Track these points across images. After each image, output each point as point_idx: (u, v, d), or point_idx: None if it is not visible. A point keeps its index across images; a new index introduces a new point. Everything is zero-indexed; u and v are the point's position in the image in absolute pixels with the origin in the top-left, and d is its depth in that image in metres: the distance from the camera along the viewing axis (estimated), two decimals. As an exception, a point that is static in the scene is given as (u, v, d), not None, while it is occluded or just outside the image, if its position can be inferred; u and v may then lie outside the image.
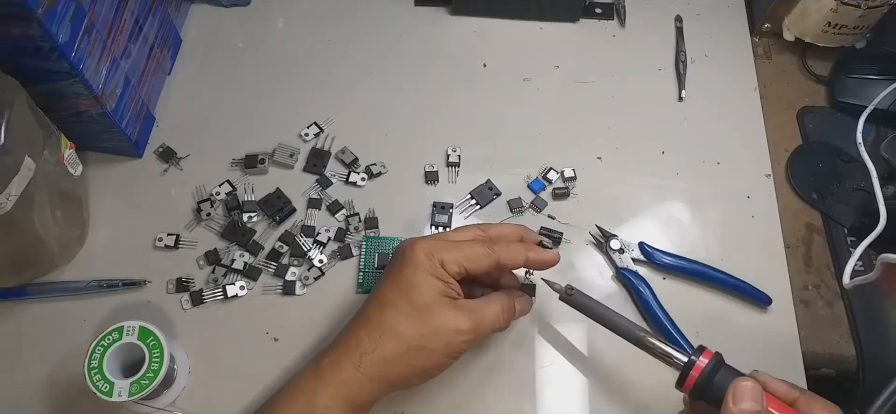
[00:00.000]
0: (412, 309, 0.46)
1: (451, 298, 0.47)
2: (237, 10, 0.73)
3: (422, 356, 0.46)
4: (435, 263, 0.47)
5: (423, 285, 0.46)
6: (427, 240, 0.48)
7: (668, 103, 0.69)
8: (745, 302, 0.58)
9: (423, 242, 0.48)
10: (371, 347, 0.46)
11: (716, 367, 0.43)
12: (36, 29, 0.47)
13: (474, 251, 0.48)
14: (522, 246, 0.50)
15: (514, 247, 0.50)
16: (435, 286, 0.47)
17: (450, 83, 0.69)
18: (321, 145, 0.64)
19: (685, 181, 0.64)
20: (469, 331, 0.47)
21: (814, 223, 0.63)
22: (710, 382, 0.43)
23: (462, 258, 0.47)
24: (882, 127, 0.66)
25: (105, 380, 0.47)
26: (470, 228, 0.51)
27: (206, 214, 0.60)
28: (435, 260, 0.47)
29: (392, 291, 0.47)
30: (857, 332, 0.57)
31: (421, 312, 0.46)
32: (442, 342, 0.46)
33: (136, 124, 0.62)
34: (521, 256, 0.50)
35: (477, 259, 0.48)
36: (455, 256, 0.47)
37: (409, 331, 0.46)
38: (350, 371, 0.45)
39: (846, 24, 0.67)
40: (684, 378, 0.44)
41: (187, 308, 0.56)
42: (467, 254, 0.48)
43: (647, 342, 0.46)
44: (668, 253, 0.59)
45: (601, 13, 0.74)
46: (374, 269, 0.58)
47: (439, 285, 0.47)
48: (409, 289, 0.46)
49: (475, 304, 0.49)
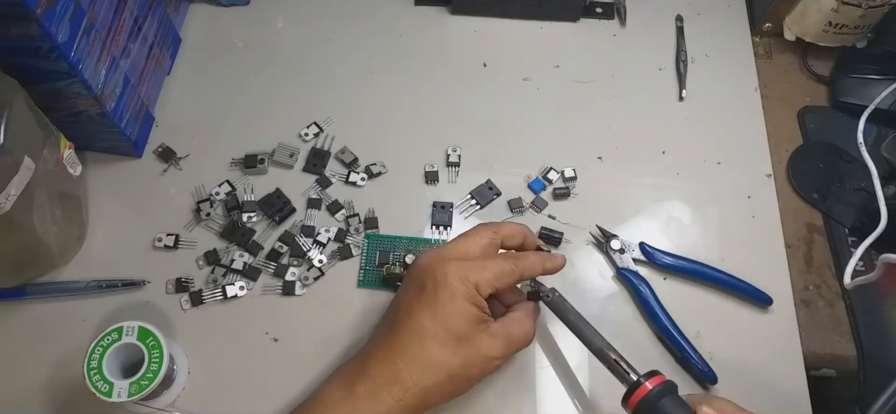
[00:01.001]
0: (452, 339, 0.46)
1: (485, 322, 0.47)
2: (236, 10, 0.73)
3: (459, 383, 0.47)
4: (470, 288, 0.46)
5: (462, 313, 0.46)
6: (457, 262, 0.47)
7: (669, 103, 0.69)
8: (746, 302, 0.58)
9: (456, 266, 0.47)
10: (412, 382, 0.45)
11: (662, 393, 0.43)
12: (35, 29, 0.47)
13: (502, 269, 0.48)
14: (538, 257, 0.51)
15: (533, 259, 0.50)
16: (473, 314, 0.46)
17: (450, 83, 0.69)
18: (321, 145, 0.64)
19: (686, 181, 0.64)
20: (503, 355, 0.47)
21: (815, 223, 0.63)
22: (653, 406, 0.43)
23: (493, 279, 0.47)
24: (883, 127, 0.66)
25: (104, 380, 0.47)
26: (481, 231, 0.50)
27: (206, 214, 0.60)
28: (470, 284, 0.46)
29: (429, 320, 0.46)
30: (857, 332, 0.57)
31: (461, 342, 0.46)
32: (478, 369, 0.47)
33: (136, 124, 0.62)
34: (540, 266, 0.50)
35: (505, 277, 0.48)
36: (487, 278, 0.47)
37: (450, 361, 0.46)
38: (390, 403, 0.45)
39: (847, 24, 0.67)
40: (629, 395, 0.45)
41: (187, 308, 0.56)
42: (496, 273, 0.47)
43: (607, 356, 0.48)
44: (668, 253, 0.59)
45: (602, 13, 0.74)
46: (375, 266, 0.58)
47: (476, 312, 0.46)
48: (448, 318, 0.46)
49: (506, 326, 0.48)
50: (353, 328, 0.56)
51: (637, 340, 0.56)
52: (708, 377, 0.54)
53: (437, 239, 0.60)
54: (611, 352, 0.48)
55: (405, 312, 0.47)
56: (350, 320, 0.56)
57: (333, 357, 0.54)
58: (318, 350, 0.55)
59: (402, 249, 0.59)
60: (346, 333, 0.56)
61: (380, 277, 0.58)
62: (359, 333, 0.56)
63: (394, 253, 0.59)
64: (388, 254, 0.59)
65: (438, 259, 0.47)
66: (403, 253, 0.58)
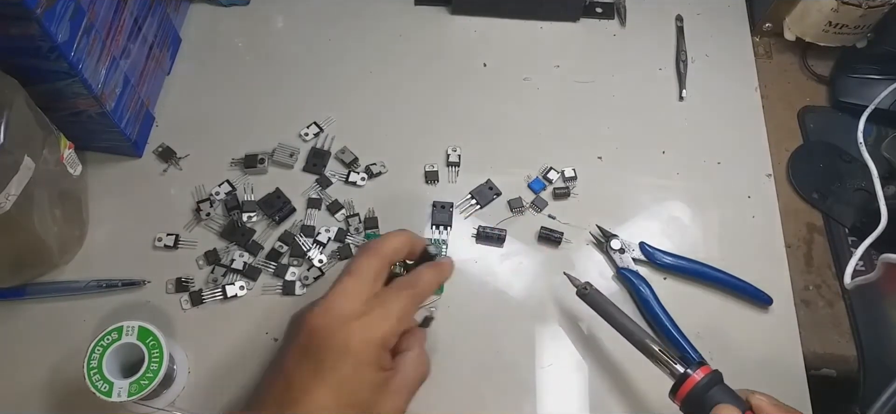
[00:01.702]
0: (355, 411, 0.41)
1: (386, 382, 0.42)
2: (236, 10, 0.73)
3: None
4: (375, 350, 0.41)
5: (367, 383, 0.41)
6: (357, 322, 0.41)
7: (669, 103, 0.69)
8: (746, 302, 0.58)
9: (358, 329, 0.41)
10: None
11: (710, 383, 0.43)
12: (35, 28, 0.47)
13: (403, 309, 0.43)
14: (432, 272, 0.46)
15: (427, 277, 0.46)
16: (378, 380, 0.41)
17: (450, 83, 0.69)
18: (321, 145, 0.64)
19: (686, 181, 0.64)
20: (405, 408, 0.43)
21: (815, 223, 0.63)
22: (702, 397, 0.43)
23: (397, 325, 0.43)
24: (883, 127, 0.66)
25: (104, 380, 0.47)
26: (363, 264, 0.44)
27: (206, 214, 0.60)
28: (374, 346, 0.41)
29: (331, 398, 0.40)
30: (858, 332, 0.57)
31: (363, 411, 0.41)
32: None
33: (136, 124, 0.62)
34: (436, 281, 0.46)
35: (408, 315, 0.44)
36: (391, 327, 0.42)
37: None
38: None
39: (847, 24, 0.67)
40: (677, 387, 0.44)
41: (187, 308, 0.56)
42: (399, 317, 0.43)
43: (651, 349, 0.46)
44: (668, 253, 0.59)
45: (602, 12, 0.74)
46: None
47: (381, 377, 0.42)
48: (352, 392, 0.40)
49: (404, 376, 0.43)
50: (353, 328, 0.56)
51: (637, 340, 0.56)
52: (708, 377, 0.54)
53: (438, 239, 0.60)
54: (654, 344, 0.46)
55: (300, 389, 0.40)
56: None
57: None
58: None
59: None
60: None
61: None
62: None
63: None
64: None
65: (336, 321, 0.41)
66: None
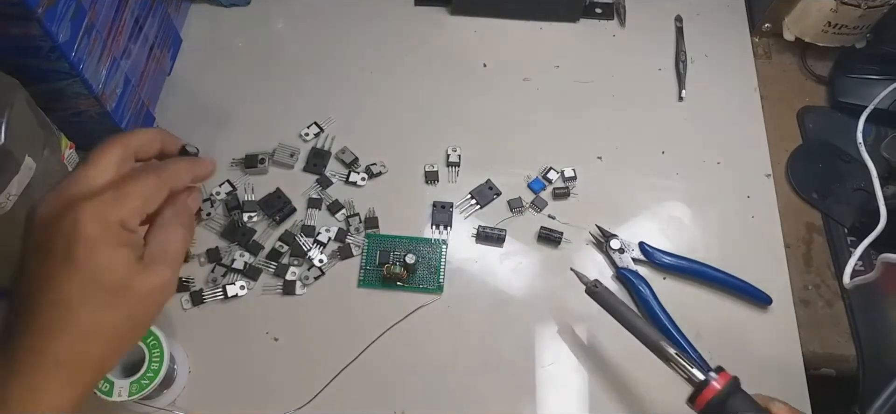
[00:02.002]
0: (109, 295, 0.37)
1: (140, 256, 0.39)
2: (237, 10, 0.73)
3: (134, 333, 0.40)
4: (114, 230, 0.38)
5: (112, 264, 0.37)
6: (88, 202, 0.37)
7: (669, 103, 0.69)
8: (746, 302, 0.58)
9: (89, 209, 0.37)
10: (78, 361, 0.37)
11: (730, 390, 0.42)
12: (36, 29, 0.47)
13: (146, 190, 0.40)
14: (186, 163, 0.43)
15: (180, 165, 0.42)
16: (124, 257, 0.38)
17: (450, 83, 0.69)
18: (321, 145, 0.64)
19: (685, 181, 0.64)
20: (171, 280, 0.40)
21: (814, 223, 0.63)
22: (723, 405, 0.42)
23: (141, 207, 0.39)
24: (882, 127, 0.66)
25: (105, 379, 0.47)
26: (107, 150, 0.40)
27: (207, 214, 0.60)
28: (112, 226, 0.37)
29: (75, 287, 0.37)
30: (857, 331, 0.57)
31: (120, 294, 0.38)
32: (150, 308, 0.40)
33: (136, 124, 0.62)
34: (188, 173, 0.43)
35: (152, 197, 0.40)
36: (133, 208, 0.39)
37: (115, 320, 0.38)
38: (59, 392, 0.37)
39: (846, 24, 0.67)
40: (696, 395, 0.43)
41: (187, 308, 0.56)
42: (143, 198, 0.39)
43: (666, 353, 0.45)
44: (668, 253, 0.59)
45: (601, 13, 0.74)
46: (376, 266, 0.58)
47: (127, 253, 0.38)
48: (96, 275, 0.37)
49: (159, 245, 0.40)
50: (354, 327, 0.56)
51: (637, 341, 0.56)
52: (707, 377, 0.54)
53: (437, 239, 0.60)
54: (670, 347, 0.45)
55: (41, 287, 0.37)
56: (350, 320, 0.56)
57: (333, 356, 0.54)
58: (319, 349, 0.55)
59: (402, 249, 0.59)
60: (346, 333, 0.56)
61: (380, 277, 0.58)
62: (359, 332, 0.56)
63: (394, 252, 0.59)
64: (388, 253, 0.59)
65: (62, 205, 0.37)
66: (403, 252, 0.58)
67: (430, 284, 0.58)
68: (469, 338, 0.56)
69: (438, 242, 0.60)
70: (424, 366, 0.55)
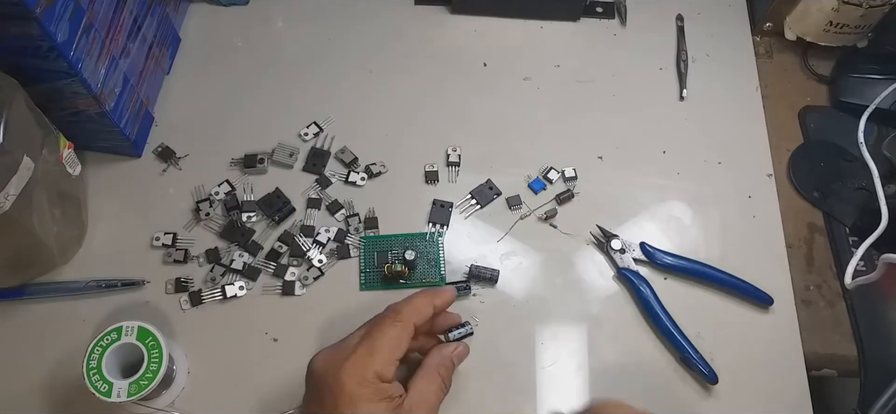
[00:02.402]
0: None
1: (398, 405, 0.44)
2: (236, 10, 0.73)
3: None
4: (371, 385, 0.43)
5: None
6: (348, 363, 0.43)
7: (670, 103, 0.69)
8: (747, 302, 0.58)
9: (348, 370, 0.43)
10: None
11: None
12: (34, 28, 0.47)
13: (390, 341, 0.44)
14: (424, 298, 0.47)
15: (418, 302, 0.47)
16: (383, 409, 0.43)
17: (450, 83, 0.69)
18: (321, 145, 0.64)
19: (686, 181, 0.64)
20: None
21: (815, 223, 0.63)
22: None
23: (389, 357, 0.44)
24: (883, 126, 0.66)
25: (104, 380, 0.47)
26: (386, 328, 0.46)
27: (205, 214, 0.60)
28: (369, 382, 0.43)
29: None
30: (858, 332, 0.57)
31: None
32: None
33: (135, 124, 0.62)
34: (429, 308, 0.47)
35: (398, 345, 0.45)
36: (383, 360, 0.43)
37: None
38: None
39: (848, 24, 0.67)
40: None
41: (186, 308, 0.56)
42: (390, 348, 0.44)
43: None
44: (669, 253, 0.59)
45: (602, 12, 0.74)
46: (375, 268, 0.58)
47: (385, 406, 0.43)
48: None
49: (419, 394, 0.45)
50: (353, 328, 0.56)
51: (637, 341, 0.56)
52: (709, 378, 0.54)
53: (432, 234, 0.60)
54: None
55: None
56: (350, 320, 0.56)
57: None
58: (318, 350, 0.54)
59: (398, 247, 0.59)
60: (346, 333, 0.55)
61: (381, 278, 0.58)
62: (359, 333, 0.55)
63: (392, 251, 0.59)
64: (385, 255, 0.59)
65: (331, 365, 0.44)
66: (401, 250, 0.58)
67: (432, 278, 0.58)
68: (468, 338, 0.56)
69: (433, 235, 0.60)
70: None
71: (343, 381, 0.42)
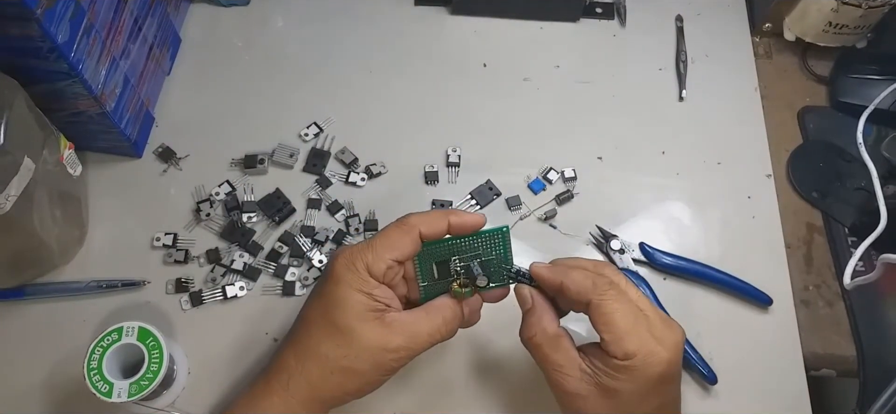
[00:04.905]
0: (334, 329, 0.43)
1: (378, 311, 0.43)
2: (236, 10, 0.73)
3: (349, 377, 0.43)
4: (358, 274, 0.43)
5: (346, 302, 0.42)
6: (348, 249, 0.44)
7: (669, 103, 0.69)
8: (746, 302, 0.58)
9: (344, 252, 0.44)
10: (297, 370, 0.43)
11: None
12: (35, 29, 0.47)
13: (387, 238, 0.44)
14: (441, 212, 0.45)
15: (433, 214, 0.45)
16: (358, 302, 0.42)
17: (450, 83, 0.69)
18: (321, 145, 0.64)
19: (686, 181, 0.64)
20: (399, 349, 0.43)
21: (814, 223, 0.63)
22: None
23: (380, 254, 0.43)
24: (883, 127, 0.66)
25: (104, 380, 0.47)
26: (398, 231, 0.45)
27: (206, 215, 0.60)
28: (358, 269, 0.43)
29: (316, 311, 0.44)
30: (857, 332, 0.57)
31: (343, 332, 0.42)
32: (369, 362, 0.43)
33: (136, 124, 0.62)
34: (442, 220, 0.45)
35: (394, 245, 0.43)
36: (375, 255, 0.43)
37: (332, 352, 0.43)
38: (280, 394, 0.43)
39: (847, 24, 0.67)
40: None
41: (187, 309, 0.56)
42: (386, 243, 0.43)
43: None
44: (668, 253, 0.59)
45: (602, 13, 0.74)
46: (435, 280, 0.52)
47: (363, 299, 0.42)
48: (330, 307, 0.43)
49: (408, 317, 0.44)
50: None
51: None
52: (708, 378, 0.54)
53: (497, 230, 0.58)
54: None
55: (303, 306, 0.47)
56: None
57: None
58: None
59: (457, 256, 0.49)
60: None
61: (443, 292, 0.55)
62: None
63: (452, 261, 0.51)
64: (446, 265, 0.50)
65: (336, 251, 0.46)
66: (459, 261, 0.49)
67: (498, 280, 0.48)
68: (468, 338, 0.56)
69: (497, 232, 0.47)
70: (423, 366, 0.55)
71: (335, 263, 0.44)
